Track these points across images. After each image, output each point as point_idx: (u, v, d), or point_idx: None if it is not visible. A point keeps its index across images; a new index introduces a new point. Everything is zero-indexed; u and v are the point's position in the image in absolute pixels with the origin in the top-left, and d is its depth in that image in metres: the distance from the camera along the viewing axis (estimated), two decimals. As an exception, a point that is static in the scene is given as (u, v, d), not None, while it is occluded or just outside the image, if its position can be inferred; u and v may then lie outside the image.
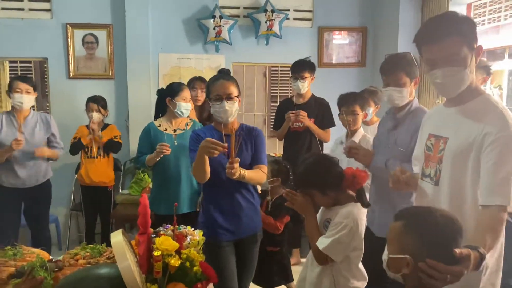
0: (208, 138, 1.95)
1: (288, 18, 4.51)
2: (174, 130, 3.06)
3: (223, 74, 2.39)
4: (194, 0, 4.38)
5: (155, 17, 4.30)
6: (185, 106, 2.99)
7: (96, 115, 3.73)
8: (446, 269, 1.12)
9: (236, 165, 1.97)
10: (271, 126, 4.52)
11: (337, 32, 4.66)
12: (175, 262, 1.38)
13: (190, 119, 3.14)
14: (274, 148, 5.05)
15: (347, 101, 2.85)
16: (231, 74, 4.54)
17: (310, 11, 4.64)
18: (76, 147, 3.73)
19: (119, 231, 1.34)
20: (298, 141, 3.66)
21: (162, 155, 2.87)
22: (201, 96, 3.59)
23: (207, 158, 2.01)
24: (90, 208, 3.89)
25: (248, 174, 2.09)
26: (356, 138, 2.81)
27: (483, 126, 1.45)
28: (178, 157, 2.92)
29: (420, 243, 1.18)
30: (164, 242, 1.40)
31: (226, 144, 1.91)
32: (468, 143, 1.48)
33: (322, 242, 1.73)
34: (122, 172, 4.29)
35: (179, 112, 2.99)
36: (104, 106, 3.82)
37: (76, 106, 4.10)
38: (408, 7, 4.19)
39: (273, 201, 2.67)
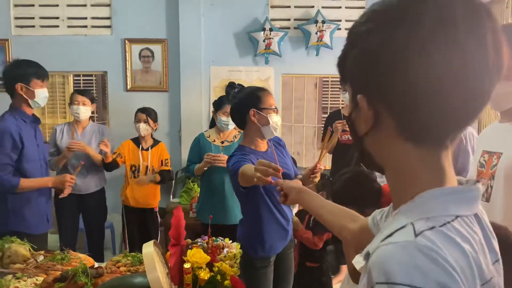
0: (263, 161, 1.56)
1: (339, 29, 4.45)
2: (222, 142, 3.12)
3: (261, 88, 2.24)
4: (245, 14, 4.45)
5: (207, 32, 4.42)
6: (225, 121, 3.05)
7: (143, 126, 3.52)
8: None
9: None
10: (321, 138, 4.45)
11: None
12: (204, 275, 1.39)
13: (239, 131, 3.17)
14: (323, 161, 4.96)
15: None
16: (280, 86, 4.57)
17: (362, 21, 4.54)
18: (110, 166, 3.47)
19: (151, 242, 1.37)
20: (347, 154, 3.58)
21: (209, 165, 2.93)
22: None
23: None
24: (134, 231, 3.67)
25: None
26: None
27: None
28: (224, 168, 2.96)
29: None
30: (195, 254, 1.41)
31: (281, 169, 1.53)
32: None
33: (358, 261, 1.66)
34: (173, 181, 4.42)
35: (220, 126, 3.07)
36: (154, 118, 3.62)
37: (132, 117, 4.29)
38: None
39: (314, 217, 2.61)
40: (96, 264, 1.95)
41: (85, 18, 4.48)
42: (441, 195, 0.58)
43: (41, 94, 2.53)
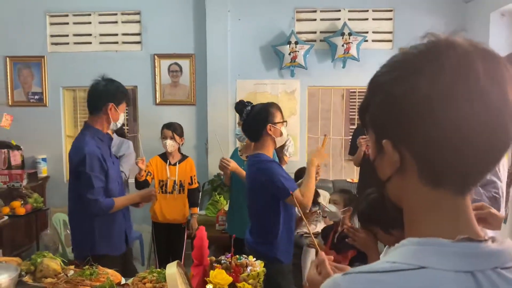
0: None
1: (366, 40, 4.42)
2: (247, 157, 3.14)
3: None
4: (271, 28, 4.49)
5: (234, 46, 4.49)
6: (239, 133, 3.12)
7: (170, 143, 3.48)
8: None
9: None
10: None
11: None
12: (226, 296, 1.40)
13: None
14: (351, 173, 4.92)
15: None
16: (306, 98, 4.57)
17: (390, 32, 4.50)
18: (142, 184, 3.41)
19: (175, 263, 1.40)
20: (374, 168, 3.53)
21: (227, 170, 2.93)
22: None
23: None
24: (162, 245, 3.68)
25: None
26: None
27: None
28: None
29: None
30: (218, 275, 1.43)
31: None
32: None
33: None
34: (200, 193, 4.47)
35: (238, 137, 3.15)
36: (180, 133, 3.57)
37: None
38: (499, 28, 3.88)
39: (340, 234, 2.59)
40: (123, 280, 2.00)
41: (116, 35, 4.64)
42: (417, 244, 0.59)
43: (122, 118, 2.55)
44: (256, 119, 2.30)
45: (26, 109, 4.69)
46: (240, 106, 2.52)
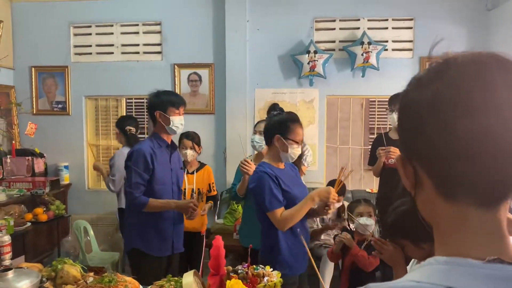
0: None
1: (386, 49, 4.39)
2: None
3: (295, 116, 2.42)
4: (290, 37, 4.50)
5: (252, 55, 4.52)
6: (257, 140, 3.11)
7: (190, 153, 3.53)
8: None
9: None
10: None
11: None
12: (243, 307, 1.40)
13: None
14: (370, 183, 4.85)
15: None
16: (325, 107, 4.55)
17: (410, 41, 4.46)
18: None
19: (191, 272, 1.40)
20: (394, 178, 3.47)
21: (245, 175, 2.93)
22: None
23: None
24: (181, 255, 3.61)
25: None
26: None
27: None
28: None
29: None
30: (234, 285, 1.43)
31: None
32: None
33: None
34: (218, 202, 4.48)
35: (252, 145, 3.15)
36: (198, 143, 3.62)
37: (180, 139, 4.44)
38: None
39: (365, 246, 2.56)
40: (141, 287, 2.01)
41: (138, 45, 4.73)
42: (444, 263, 0.55)
43: (177, 121, 2.63)
44: (271, 125, 2.34)
45: (49, 117, 4.80)
46: (270, 108, 2.64)
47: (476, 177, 0.54)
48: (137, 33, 4.72)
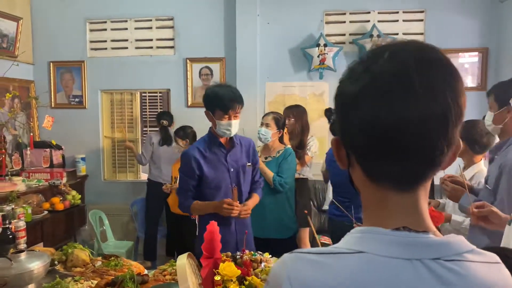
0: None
1: (397, 42, 4.37)
2: (266, 158, 3.17)
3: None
4: (300, 30, 4.53)
5: (263, 49, 4.57)
6: (263, 133, 3.13)
7: (176, 146, 4.07)
8: None
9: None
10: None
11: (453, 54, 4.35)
12: (233, 287, 1.47)
13: (285, 146, 3.20)
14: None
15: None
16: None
17: (421, 33, 4.43)
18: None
19: (185, 254, 1.48)
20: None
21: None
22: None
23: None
24: (175, 236, 4.14)
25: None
26: (471, 172, 2.47)
27: None
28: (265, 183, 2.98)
29: None
30: (226, 268, 1.50)
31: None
32: None
33: None
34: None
35: (258, 137, 3.17)
36: (183, 137, 4.05)
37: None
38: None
39: None
40: (146, 271, 2.12)
41: (151, 40, 4.83)
42: (360, 232, 0.63)
43: (223, 125, 2.32)
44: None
45: (67, 111, 4.97)
46: (328, 113, 3.06)
47: (390, 166, 0.61)
48: (151, 28, 4.83)
